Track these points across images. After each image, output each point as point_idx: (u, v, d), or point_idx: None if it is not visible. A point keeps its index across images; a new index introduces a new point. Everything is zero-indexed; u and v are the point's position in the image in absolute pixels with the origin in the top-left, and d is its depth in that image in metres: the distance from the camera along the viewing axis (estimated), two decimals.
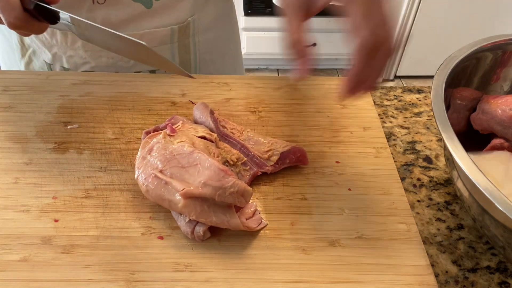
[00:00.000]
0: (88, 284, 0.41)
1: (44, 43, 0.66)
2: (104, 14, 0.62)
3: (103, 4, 0.61)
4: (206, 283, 0.42)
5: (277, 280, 0.42)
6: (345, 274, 0.43)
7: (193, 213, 0.43)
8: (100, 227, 0.45)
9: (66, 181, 0.49)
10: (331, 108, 0.61)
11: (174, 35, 0.68)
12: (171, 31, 0.67)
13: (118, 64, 0.68)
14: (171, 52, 0.70)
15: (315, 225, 0.47)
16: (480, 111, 0.52)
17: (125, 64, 0.68)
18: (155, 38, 0.67)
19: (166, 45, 0.68)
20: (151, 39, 0.66)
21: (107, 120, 0.57)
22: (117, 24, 0.64)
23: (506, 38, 0.53)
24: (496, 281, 0.46)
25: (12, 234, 0.44)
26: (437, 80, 0.47)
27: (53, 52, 0.67)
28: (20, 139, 0.54)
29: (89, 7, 0.61)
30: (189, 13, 0.68)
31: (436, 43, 2.14)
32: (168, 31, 0.67)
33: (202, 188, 0.42)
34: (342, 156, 0.54)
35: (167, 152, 0.45)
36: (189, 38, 0.70)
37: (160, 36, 0.67)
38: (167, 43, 0.68)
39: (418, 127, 0.63)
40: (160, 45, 0.68)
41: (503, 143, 0.51)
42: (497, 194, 0.36)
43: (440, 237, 0.50)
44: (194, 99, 0.61)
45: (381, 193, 0.50)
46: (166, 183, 0.44)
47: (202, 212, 0.43)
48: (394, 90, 0.70)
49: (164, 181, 0.44)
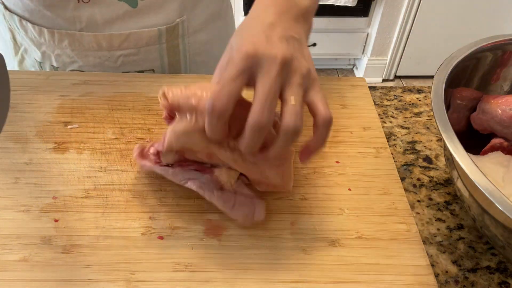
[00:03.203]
0: (88, 284, 0.41)
1: (34, 42, 0.66)
2: (89, 13, 0.62)
3: (87, 3, 0.61)
4: (206, 283, 0.42)
5: (277, 280, 0.42)
6: (345, 274, 0.43)
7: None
8: (100, 227, 0.45)
9: (66, 181, 0.49)
10: (331, 108, 0.60)
11: (162, 36, 0.67)
12: (159, 32, 0.66)
13: (105, 64, 0.67)
14: (159, 54, 0.69)
15: (315, 225, 0.47)
16: (480, 111, 0.52)
17: (112, 64, 0.68)
18: (141, 39, 0.66)
19: (154, 45, 0.67)
20: (137, 39, 0.66)
21: (107, 120, 0.57)
22: (102, 23, 0.63)
23: (506, 38, 0.53)
24: (496, 281, 0.46)
25: (12, 234, 0.44)
26: (437, 80, 0.47)
27: (42, 51, 0.67)
28: (20, 139, 0.54)
29: (74, 6, 0.61)
30: (177, 14, 0.67)
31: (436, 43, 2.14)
32: (156, 32, 0.66)
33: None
34: (342, 156, 0.54)
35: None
36: (178, 39, 0.69)
37: (147, 36, 0.66)
38: (155, 44, 0.67)
39: (418, 127, 0.63)
40: (148, 46, 0.67)
41: (502, 142, 0.51)
42: (497, 194, 0.36)
43: (440, 237, 0.50)
44: None
45: (381, 193, 0.50)
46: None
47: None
48: (394, 90, 0.70)
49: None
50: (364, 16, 2.17)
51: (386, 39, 2.21)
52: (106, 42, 0.65)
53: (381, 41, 2.22)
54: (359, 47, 2.30)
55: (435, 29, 2.11)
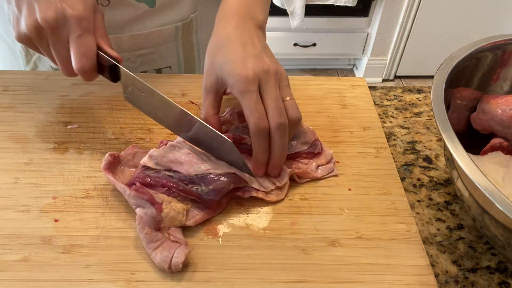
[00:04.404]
0: (88, 284, 0.41)
1: None
2: (109, 15, 0.62)
3: (107, 6, 0.62)
4: (206, 283, 0.42)
5: (277, 280, 0.42)
6: (345, 274, 0.43)
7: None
8: (100, 227, 0.45)
9: (66, 181, 0.49)
10: (331, 108, 0.61)
11: (178, 32, 0.68)
12: (176, 29, 0.68)
13: (124, 64, 0.67)
14: (176, 50, 0.70)
15: (315, 225, 0.47)
16: (480, 111, 0.52)
17: (131, 64, 0.68)
18: (160, 37, 0.67)
19: (171, 42, 0.69)
20: (157, 37, 0.67)
21: (107, 120, 0.57)
22: (122, 24, 0.64)
23: (506, 38, 0.53)
24: (496, 281, 0.46)
25: (12, 234, 0.44)
26: (437, 80, 0.47)
27: None
28: (20, 139, 0.54)
29: None
30: (191, 9, 0.68)
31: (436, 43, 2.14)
32: (173, 29, 0.67)
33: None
34: (342, 156, 0.54)
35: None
36: (192, 35, 0.71)
37: (165, 34, 0.67)
38: (172, 41, 0.69)
39: (418, 127, 0.63)
40: (165, 43, 0.68)
41: (502, 142, 0.51)
42: (497, 194, 0.36)
43: (440, 237, 0.50)
44: (194, 99, 0.61)
45: (381, 193, 0.50)
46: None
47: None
48: (394, 90, 0.70)
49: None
50: (364, 16, 2.17)
51: (386, 39, 2.21)
52: (128, 43, 0.66)
53: (381, 41, 2.22)
54: (359, 47, 2.30)
55: (435, 29, 2.11)
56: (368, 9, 2.14)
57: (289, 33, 2.16)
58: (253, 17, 0.52)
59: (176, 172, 0.47)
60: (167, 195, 0.45)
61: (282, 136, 0.46)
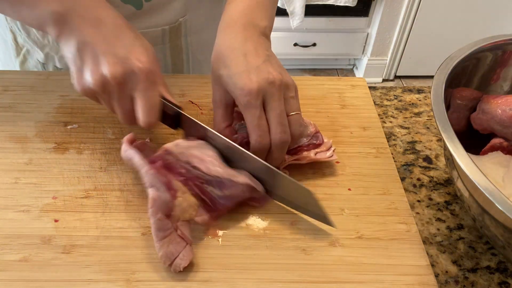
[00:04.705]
0: (88, 284, 0.41)
1: (37, 43, 0.66)
2: None
3: None
4: (206, 283, 0.42)
5: (277, 280, 0.42)
6: (345, 274, 0.43)
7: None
8: (100, 227, 0.45)
9: (66, 181, 0.49)
10: (331, 108, 0.61)
11: (165, 36, 0.67)
12: (162, 32, 0.66)
13: None
14: (162, 53, 0.69)
15: (315, 225, 0.47)
16: (480, 111, 0.52)
17: None
18: (146, 39, 0.66)
19: (157, 46, 0.67)
20: None
21: (107, 120, 0.57)
22: None
23: (506, 38, 0.53)
24: (496, 281, 0.46)
25: (12, 234, 0.44)
26: (437, 80, 0.47)
27: (45, 52, 0.66)
28: (20, 139, 0.54)
29: None
30: (180, 13, 0.67)
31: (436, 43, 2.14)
32: (159, 32, 0.66)
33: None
34: (342, 156, 0.54)
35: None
36: (181, 39, 0.69)
37: (151, 37, 0.65)
38: (158, 44, 0.67)
39: (418, 127, 0.63)
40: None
41: (502, 142, 0.51)
42: (497, 194, 0.36)
43: (440, 237, 0.50)
44: (194, 99, 0.61)
45: (381, 193, 0.50)
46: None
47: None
48: (394, 90, 0.70)
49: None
50: (364, 16, 2.17)
51: (386, 39, 2.21)
52: None
53: (381, 41, 2.22)
54: (359, 47, 2.30)
55: (435, 29, 2.11)
56: (368, 9, 2.14)
57: (289, 33, 2.16)
58: (256, 24, 0.50)
59: (195, 167, 0.46)
60: (183, 185, 0.45)
61: (282, 151, 0.47)
